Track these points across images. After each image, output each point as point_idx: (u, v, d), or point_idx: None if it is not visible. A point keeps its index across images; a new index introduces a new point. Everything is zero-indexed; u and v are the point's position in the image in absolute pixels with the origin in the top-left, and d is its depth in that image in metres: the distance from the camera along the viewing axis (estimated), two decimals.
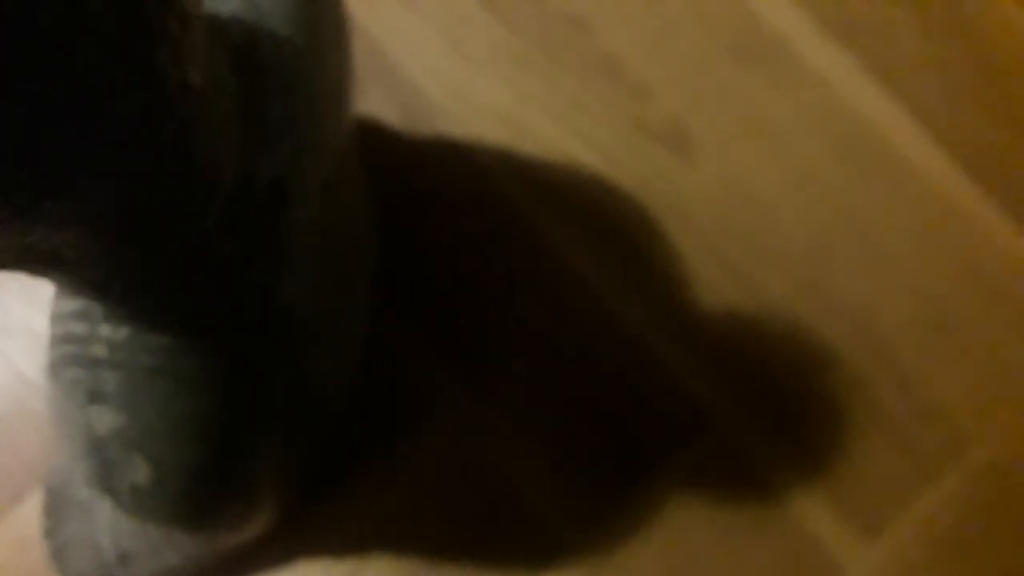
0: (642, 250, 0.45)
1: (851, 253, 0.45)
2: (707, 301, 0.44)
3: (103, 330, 0.24)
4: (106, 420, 0.25)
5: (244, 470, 0.28)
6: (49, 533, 0.39)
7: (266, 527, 0.36)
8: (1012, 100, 0.47)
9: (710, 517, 0.42)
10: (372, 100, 0.46)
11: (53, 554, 0.39)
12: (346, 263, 0.35)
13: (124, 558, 0.37)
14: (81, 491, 0.38)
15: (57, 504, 0.39)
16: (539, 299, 0.44)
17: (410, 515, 0.42)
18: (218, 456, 0.27)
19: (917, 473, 0.43)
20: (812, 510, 0.42)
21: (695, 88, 0.47)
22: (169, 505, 0.27)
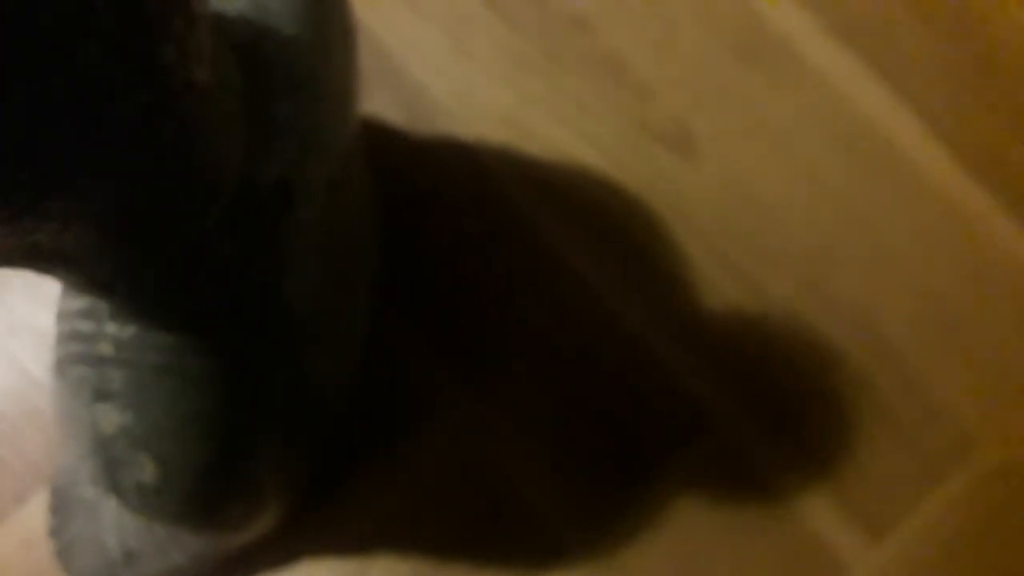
0: (643, 250, 0.45)
1: (854, 253, 0.45)
2: (709, 301, 0.44)
3: (109, 328, 0.24)
4: (112, 418, 0.25)
5: (246, 469, 0.28)
6: (55, 532, 0.39)
7: (270, 526, 0.36)
8: (1017, 100, 0.47)
9: (712, 518, 0.42)
10: (375, 100, 0.46)
11: (58, 553, 0.39)
12: (348, 263, 0.35)
13: (130, 557, 0.37)
14: (87, 490, 0.38)
15: (63, 503, 0.39)
16: (540, 299, 0.44)
17: (411, 515, 0.42)
18: (223, 455, 0.27)
19: (922, 474, 0.43)
20: (816, 511, 0.42)
21: (697, 88, 0.47)
22: (175, 504, 0.27)
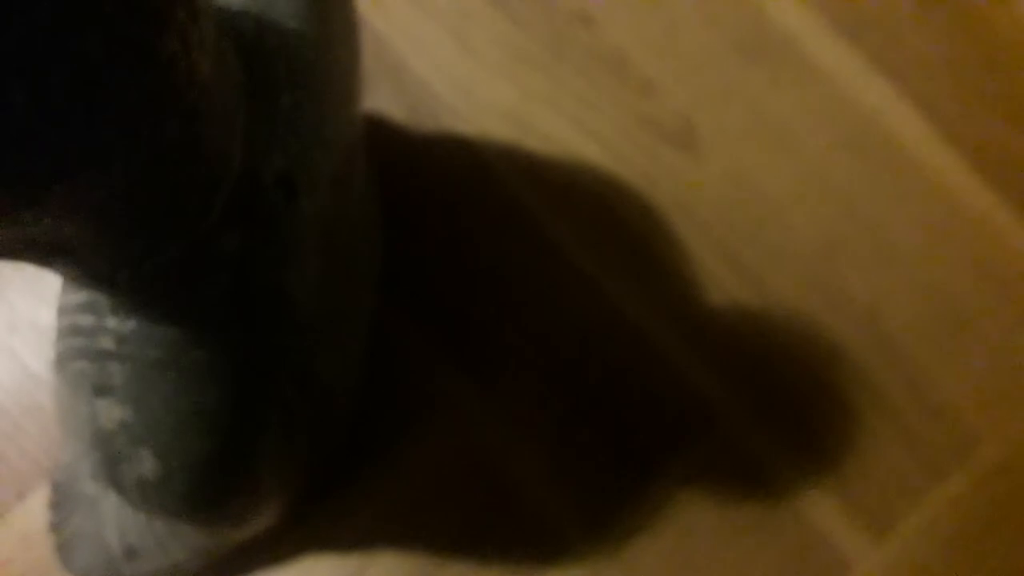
0: (646, 246, 0.45)
1: (859, 251, 0.45)
2: (712, 297, 0.44)
3: (110, 322, 0.24)
4: (113, 413, 0.25)
5: (250, 465, 0.28)
6: (55, 527, 0.39)
7: (271, 522, 0.36)
8: (1022, 96, 0.47)
9: (715, 514, 0.42)
10: (379, 96, 0.46)
11: (59, 548, 0.39)
12: (351, 259, 0.35)
13: (130, 553, 0.37)
14: (87, 485, 0.38)
15: (63, 498, 0.39)
16: (542, 295, 0.44)
17: (412, 513, 0.41)
18: (226, 449, 0.27)
19: (925, 471, 0.43)
20: (820, 508, 0.42)
21: (702, 85, 0.47)
22: (176, 499, 0.27)
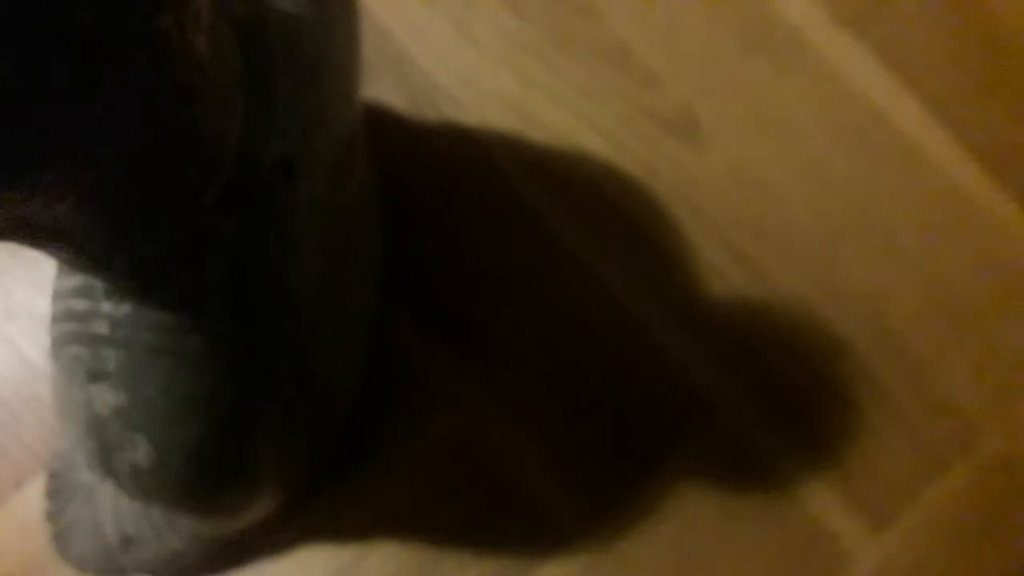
0: (648, 237, 0.45)
1: (862, 243, 0.45)
2: (715, 290, 0.44)
3: (104, 307, 0.24)
4: (107, 399, 0.25)
5: (246, 453, 0.28)
6: (52, 516, 0.39)
7: (268, 512, 0.36)
8: None
9: (715, 507, 0.42)
10: (380, 86, 0.46)
11: (55, 537, 0.39)
12: (352, 249, 0.35)
13: (127, 542, 0.37)
14: (84, 474, 0.38)
15: (60, 487, 0.39)
16: (542, 286, 0.44)
17: (411, 504, 0.41)
18: (220, 438, 0.27)
19: (926, 464, 0.43)
20: (820, 501, 0.42)
21: (705, 76, 0.47)
22: (170, 487, 0.27)
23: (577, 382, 0.43)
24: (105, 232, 0.20)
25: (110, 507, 0.36)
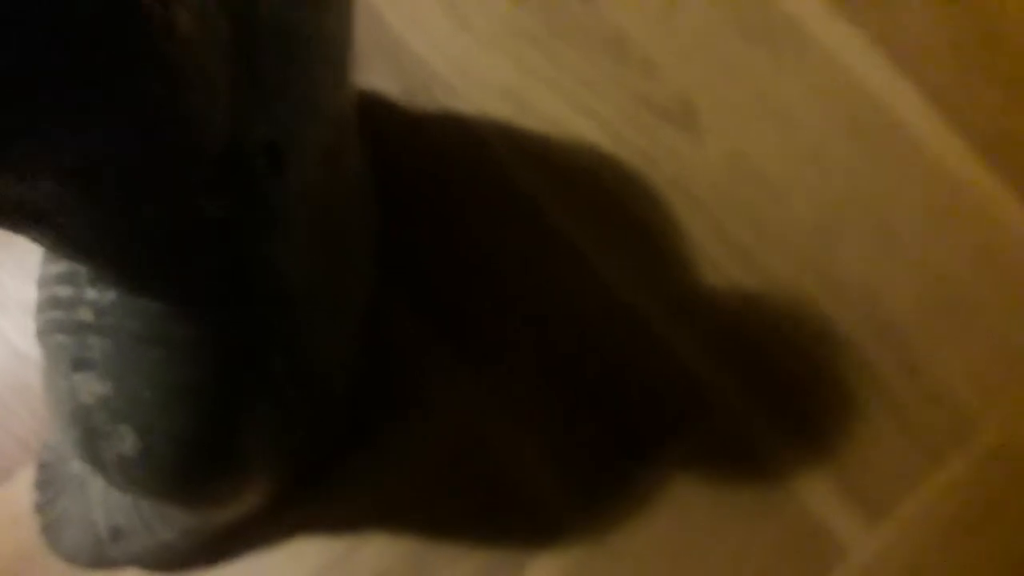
0: (644, 226, 0.44)
1: (859, 233, 0.44)
2: (712, 280, 0.44)
3: (89, 294, 0.23)
4: (92, 388, 0.25)
5: (235, 444, 0.28)
6: (41, 508, 0.39)
7: (259, 504, 0.36)
8: None
9: (710, 500, 0.41)
10: (374, 73, 0.46)
11: (45, 529, 0.39)
12: (344, 237, 0.34)
13: (117, 534, 0.36)
14: (74, 465, 0.38)
15: (50, 479, 0.39)
16: (538, 276, 0.43)
17: (405, 496, 0.41)
18: (208, 428, 0.26)
19: (923, 456, 0.42)
20: (816, 493, 0.42)
21: (703, 65, 0.46)
22: (157, 478, 0.27)
23: (572, 372, 0.42)
24: (87, 216, 0.19)
25: (100, 499, 0.36)
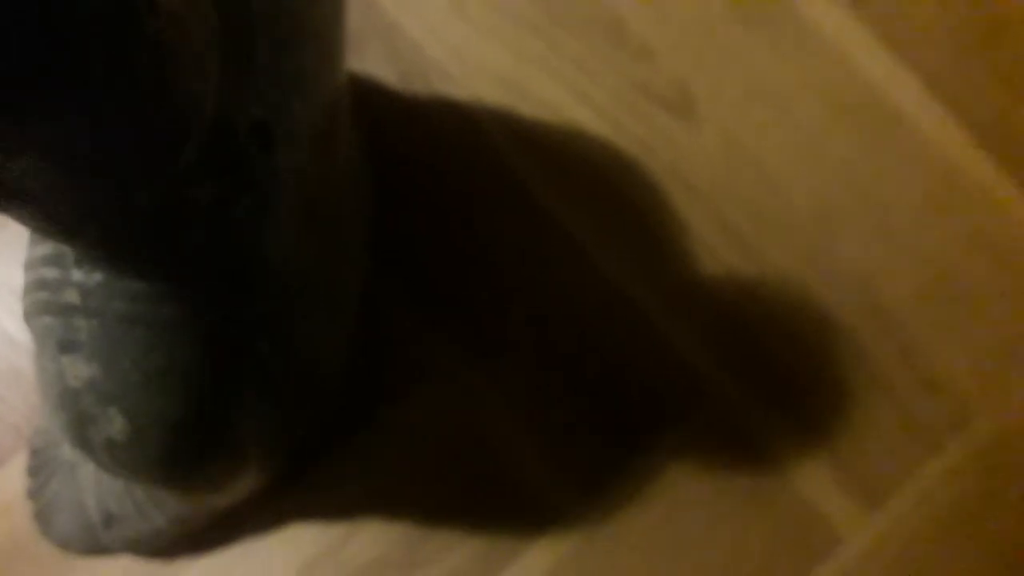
0: (641, 214, 0.44)
1: (857, 221, 0.44)
2: (708, 267, 0.44)
3: (75, 275, 0.23)
4: (80, 370, 0.24)
5: (225, 427, 0.27)
6: (33, 494, 0.39)
7: (253, 489, 0.36)
8: None
9: (707, 488, 0.41)
10: (369, 58, 0.45)
11: (37, 515, 0.39)
12: (337, 222, 0.34)
13: (109, 519, 0.36)
14: (66, 451, 0.38)
15: (42, 464, 0.39)
16: (533, 263, 0.43)
17: (401, 482, 0.41)
18: (198, 411, 0.26)
19: (920, 445, 0.42)
20: (812, 481, 0.42)
21: (700, 51, 0.46)
22: (145, 461, 0.26)
23: (568, 359, 0.42)
24: (73, 196, 0.19)
25: (92, 484, 0.36)
